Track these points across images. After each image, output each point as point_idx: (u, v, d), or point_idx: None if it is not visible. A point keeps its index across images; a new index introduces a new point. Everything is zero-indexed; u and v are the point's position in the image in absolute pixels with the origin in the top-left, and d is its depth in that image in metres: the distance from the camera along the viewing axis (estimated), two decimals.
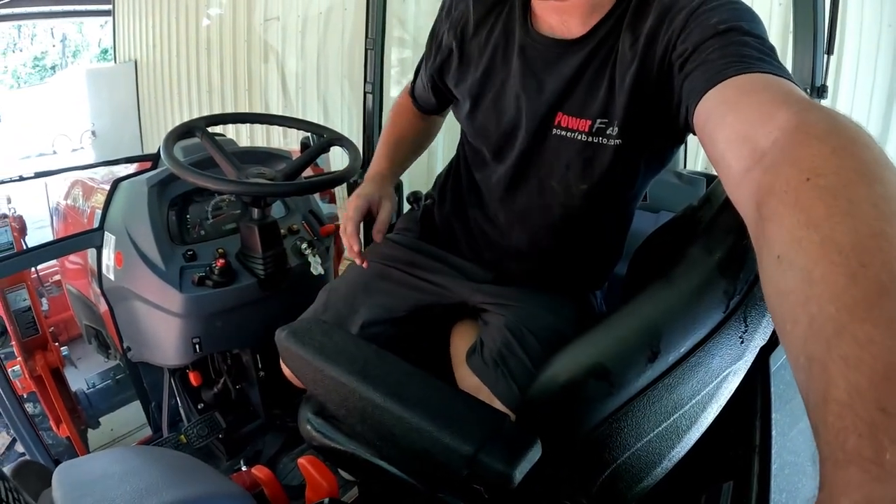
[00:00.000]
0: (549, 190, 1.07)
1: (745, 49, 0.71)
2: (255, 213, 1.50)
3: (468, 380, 1.11)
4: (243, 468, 1.59)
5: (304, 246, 1.70)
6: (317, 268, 1.55)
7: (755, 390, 0.89)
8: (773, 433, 0.83)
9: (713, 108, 0.68)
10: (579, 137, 0.98)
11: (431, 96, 1.26)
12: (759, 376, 0.90)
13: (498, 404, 1.04)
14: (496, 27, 1.06)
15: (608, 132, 0.95)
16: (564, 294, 1.20)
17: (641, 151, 0.98)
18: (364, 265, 1.20)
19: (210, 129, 1.51)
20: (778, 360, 0.95)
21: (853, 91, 2.53)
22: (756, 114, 0.58)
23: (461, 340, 1.23)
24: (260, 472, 1.33)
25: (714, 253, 0.60)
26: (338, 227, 2.12)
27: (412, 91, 1.33)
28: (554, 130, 1.01)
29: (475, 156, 1.19)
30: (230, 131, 4.98)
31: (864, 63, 2.49)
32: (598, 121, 0.96)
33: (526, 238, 1.16)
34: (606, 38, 0.94)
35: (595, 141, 0.97)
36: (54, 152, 10.64)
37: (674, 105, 0.82)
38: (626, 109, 0.92)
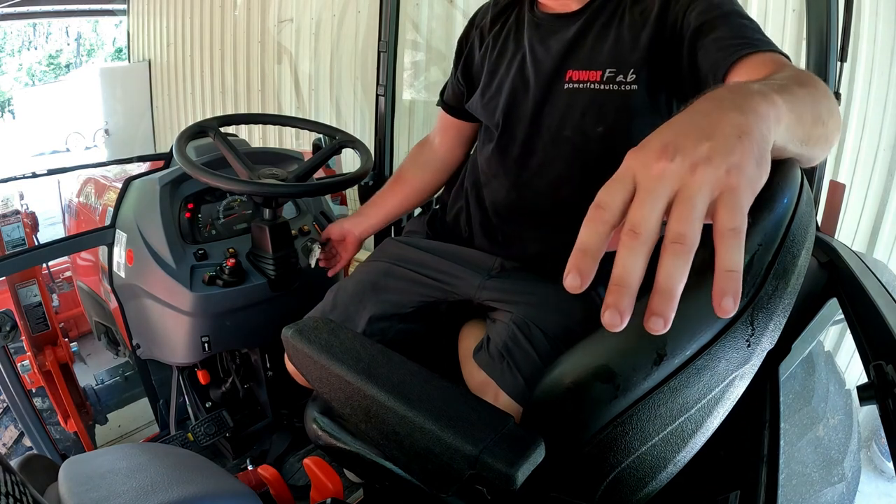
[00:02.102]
0: (563, 140, 1.15)
1: (746, 31, 0.93)
2: (267, 213, 1.51)
3: (475, 375, 1.12)
4: (249, 467, 1.60)
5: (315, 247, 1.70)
6: (313, 259, 1.54)
7: (764, 399, 0.89)
8: (782, 443, 0.83)
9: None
10: (592, 86, 1.10)
11: (463, 87, 1.36)
12: (767, 385, 0.90)
13: (504, 397, 1.06)
14: (510, 17, 1.25)
15: (619, 79, 1.07)
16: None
17: (654, 99, 1.08)
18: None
19: (223, 130, 1.52)
20: (787, 370, 0.94)
21: (867, 98, 2.51)
22: None
23: (469, 339, 1.25)
24: (266, 471, 1.33)
25: None
26: None
27: (442, 101, 1.45)
28: (566, 85, 1.13)
29: (489, 135, 1.28)
30: (243, 132, 5.01)
31: (878, 70, 2.47)
32: (608, 70, 1.08)
33: (544, 194, 1.20)
34: (603, 7, 1.10)
35: (608, 88, 1.08)
36: (68, 150, 10.71)
37: (683, 65, 1.00)
38: (645, 62, 1.05)
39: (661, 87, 1.06)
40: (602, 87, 1.08)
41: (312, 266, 1.53)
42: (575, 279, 0.46)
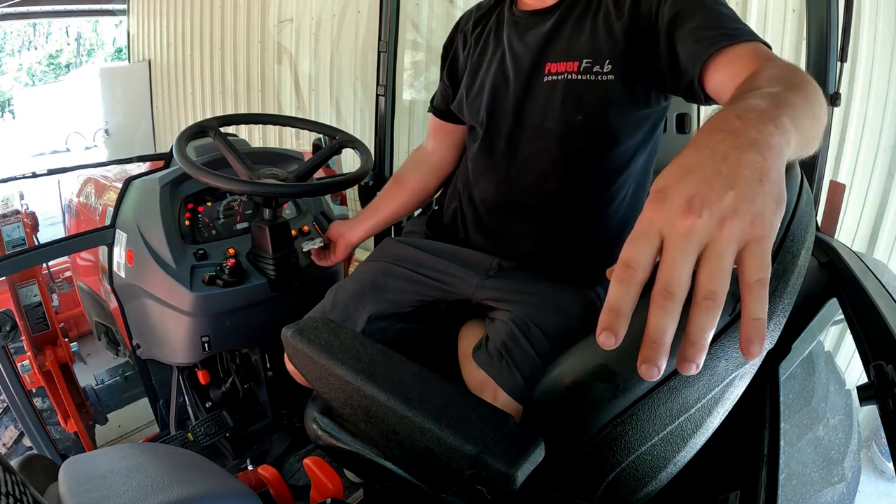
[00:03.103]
0: (547, 133, 1.16)
1: (723, 20, 0.92)
2: (267, 213, 1.51)
3: (475, 374, 1.13)
4: (249, 467, 1.60)
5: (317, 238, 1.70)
6: (308, 245, 1.54)
7: (764, 399, 0.89)
8: (782, 443, 0.83)
9: (719, 77, 0.89)
10: (569, 77, 1.11)
11: (449, 89, 1.38)
12: (767, 385, 0.90)
13: (503, 396, 1.06)
14: (491, 18, 1.28)
15: (595, 70, 1.08)
16: (569, 291, 1.21)
17: (632, 89, 1.08)
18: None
19: (223, 130, 1.52)
20: (787, 370, 0.94)
21: (867, 98, 2.51)
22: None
23: (468, 338, 1.26)
24: (266, 471, 1.33)
25: None
26: None
27: (433, 107, 1.47)
28: (545, 78, 1.14)
29: (474, 134, 1.30)
30: (243, 132, 5.01)
31: (878, 70, 2.47)
32: (585, 61, 1.09)
33: (530, 188, 1.21)
34: (577, 1, 1.12)
35: (585, 78, 1.09)
36: (68, 150, 10.72)
37: (662, 56, 1.00)
38: (621, 53, 1.06)
39: (637, 78, 1.07)
40: (580, 77, 1.09)
41: (305, 249, 1.55)
42: (609, 338, 0.47)
